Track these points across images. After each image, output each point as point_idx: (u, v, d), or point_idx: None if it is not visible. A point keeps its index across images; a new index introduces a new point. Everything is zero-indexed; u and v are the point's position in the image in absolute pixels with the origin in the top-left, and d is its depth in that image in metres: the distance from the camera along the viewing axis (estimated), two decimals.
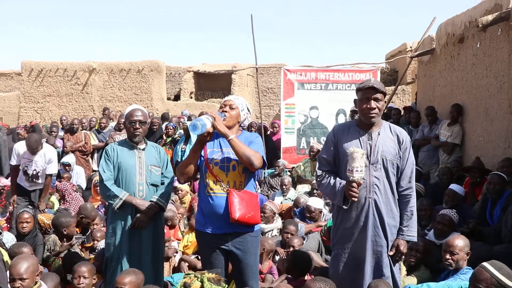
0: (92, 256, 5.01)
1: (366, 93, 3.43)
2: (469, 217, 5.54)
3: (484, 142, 6.79)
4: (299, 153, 9.15)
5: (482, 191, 5.76)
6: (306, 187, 7.90)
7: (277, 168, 8.50)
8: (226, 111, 3.67)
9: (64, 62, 15.98)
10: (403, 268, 4.50)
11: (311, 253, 4.73)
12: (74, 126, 10.06)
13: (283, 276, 4.66)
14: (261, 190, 8.32)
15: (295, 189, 8.08)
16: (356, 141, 3.48)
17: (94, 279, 4.01)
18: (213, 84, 17.13)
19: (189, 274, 3.35)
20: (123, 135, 10.01)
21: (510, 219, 4.81)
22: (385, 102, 3.52)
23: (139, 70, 15.79)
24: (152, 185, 4.15)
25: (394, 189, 3.51)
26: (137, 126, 4.09)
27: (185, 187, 7.47)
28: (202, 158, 3.67)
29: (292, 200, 6.91)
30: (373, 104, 3.40)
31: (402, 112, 9.95)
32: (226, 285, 3.20)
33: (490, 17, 6.10)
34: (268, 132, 10.32)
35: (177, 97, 17.10)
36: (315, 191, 6.88)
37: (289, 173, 8.59)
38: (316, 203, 6.09)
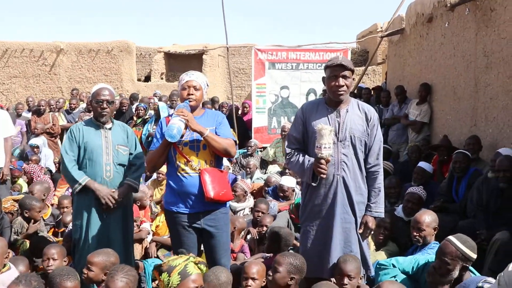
0: (61, 238, 4.95)
1: (334, 70, 3.43)
2: (436, 194, 5.67)
3: (451, 120, 6.92)
4: (270, 133, 9.17)
5: (449, 169, 5.88)
6: (278, 167, 7.94)
7: (249, 148, 8.51)
8: (191, 94, 3.63)
9: (31, 42, 15.56)
10: (371, 244, 4.59)
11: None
12: (41, 107, 9.84)
13: (259, 254, 4.68)
14: (232, 170, 8.32)
15: (266, 169, 8.11)
16: (324, 119, 3.49)
17: (65, 261, 3.95)
18: (184, 65, 16.88)
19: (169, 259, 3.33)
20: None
21: (475, 195, 4.92)
22: (354, 79, 3.53)
23: (108, 50, 15.51)
24: (120, 165, 4.08)
25: (362, 166, 3.55)
26: (105, 105, 4.01)
27: (164, 169, 7.39)
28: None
29: (264, 180, 6.94)
30: (341, 81, 3.41)
31: (372, 92, 10.04)
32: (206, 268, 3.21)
33: None
34: (239, 112, 10.30)
35: (147, 78, 16.88)
36: (287, 170, 6.91)
37: (260, 153, 8.60)
38: (289, 182, 6.13)
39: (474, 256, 3.26)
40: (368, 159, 3.56)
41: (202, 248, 3.84)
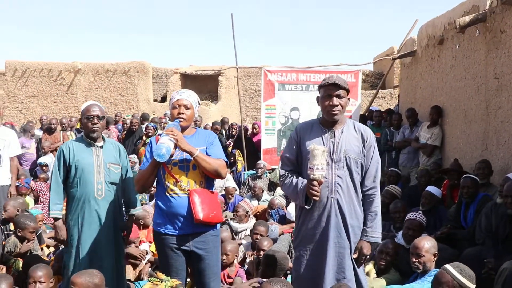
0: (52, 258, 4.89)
1: (328, 89, 3.34)
2: (445, 220, 5.49)
3: (462, 144, 6.75)
4: (280, 155, 9.04)
5: (459, 194, 5.70)
6: None
7: (259, 169, 8.42)
8: (182, 113, 3.55)
9: (49, 62, 15.88)
10: (373, 271, 4.43)
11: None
12: (52, 126, 9.92)
13: (255, 279, 4.56)
14: (240, 192, 8.23)
15: (274, 191, 7.99)
16: (318, 139, 3.38)
17: (51, 282, 3.87)
18: (200, 86, 17.02)
19: (152, 279, 3.26)
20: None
21: (484, 221, 4.74)
22: (349, 99, 3.42)
23: (125, 71, 15.71)
24: (111, 183, 4.03)
25: (358, 189, 3.41)
26: (95, 121, 3.95)
27: None
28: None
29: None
30: (335, 101, 3.31)
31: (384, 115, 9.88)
32: None
33: (467, 18, 6.08)
34: (249, 133, 10.23)
35: (163, 99, 17.00)
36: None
37: (269, 175, 8.49)
38: (294, 210, 5.99)
39: (472, 286, 3.10)
40: (364, 181, 3.42)
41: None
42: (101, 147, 4.05)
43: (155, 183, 3.66)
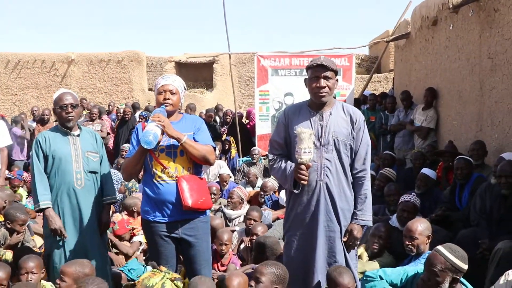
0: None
1: (315, 71, 3.27)
2: (440, 202, 5.44)
3: (457, 125, 6.70)
4: None
5: (453, 176, 5.66)
6: None
7: (254, 156, 8.37)
8: (167, 99, 3.48)
9: (42, 53, 15.72)
10: (365, 254, 4.39)
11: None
12: (45, 116, 9.84)
13: (248, 265, 4.53)
14: (235, 178, 8.19)
15: (270, 177, 7.94)
16: (306, 122, 3.33)
17: (43, 272, 3.83)
18: (195, 74, 16.91)
19: (154, 270, 3.22)
20: (96, 125, 9.85)
21: (478, 202, 4.70)
22: (337, 80, 3.35)
23: (119, 60, 15.58)
24: (91, 172, 3.94)
25: (348, 172, 3.36)
26: (69, 109, 3.84)
27: None
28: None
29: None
30: (323, 82, 3.24)
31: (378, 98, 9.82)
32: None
33: None
34: (246, 121, 10.17)
35: None
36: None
37: (264, 161, 8.44)
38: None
39: (465, 267, 3.05)
40: (354, 164, 3.37)
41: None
42: (78, 135, 3.96)
43: (143, 171, 3.60)
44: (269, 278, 3.15)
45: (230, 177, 7.63)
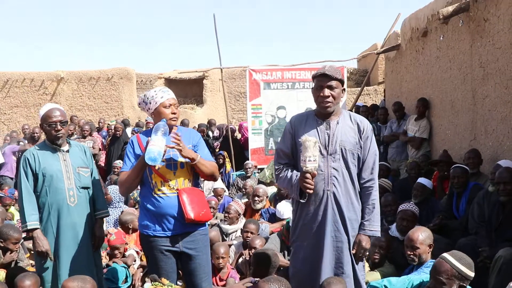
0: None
1: (319, 81, 3.26)
2: (437, 212, 5.44)
3: (451, 135, 6.72)
4: (268, 154, 8.94)
5: (449, 185, 5.66)
6: (275, 189, 7.73)
7: (248, 169, 8.33)
8: (175, 112, 3.48)
9: (31, 72, 15.66)
10: (366, 265, 4.35)
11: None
12: (35, 134, 9.73)
13: (247, 279, 4.47)
14: (229, 193, 8.14)
15: None
16: (313, 131, 3.30)
17: None
18: (185, 90, 16.93)
19: (156, 284, 3.16)
20: (88, 142, 9.77)
21: (476, 211, 4.70)
22: (343, 90, 3.33)
23: (108, 78, 15.56)
24: (83, 188, 3.87)
25: (355, 181, 3.32)
26: (59, 127, 3.74)
27: None
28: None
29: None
30: (327, 92, 3.22)
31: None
32: None
33: (450, 8, 6.07)
34: (238, 136, 10.16)
35: None
36: (282, 191, 6.72)
37: (257, 175, 8.41)
38: (284, 208, 5.90)
39: (471, 274, 3.02)
40: (361, 173, 3.33)
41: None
42: (67, 151, 3.87)
43: (140, 185, 3.55)
44: None
45: (225, 191, 7.58)
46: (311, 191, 3.19)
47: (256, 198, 6.29)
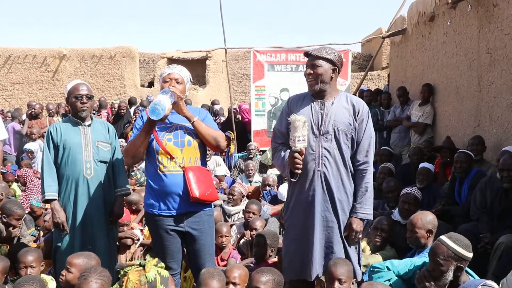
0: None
1: (307, 61, 3.33)
2: (438, 197, 5.44)
3: (455, 121, 6.71)
4: (270, 136, 8.93)
5: (452, 171, 5.66)
6: (277, 171, 7.74)
7: (251, 150, 8.32)
8: (173, 86, 3.41)
9: (33, 48, 15.56)
10: (367, 248, 4.37)
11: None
12: (33, 110, 9.71)
13: (248, 259, 4.50)
14: (231, 174, 8.15)
15: (265, 173, 7.91)
16: (307, 110, 3.32)
17: (42, 265, 3.77)
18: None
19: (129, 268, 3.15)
20: None
21: (478, 197, 4.69)
22: (335, 70, 3.31)
23: (111, 56, 15.47)
24: (101, 162, 3.91)
25: (348, 163, 3.32)
26: (85, 100, 3.86)
27: None
28: (151, 136, 3.42)
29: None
30: (309, 70, 3.27)
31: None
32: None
33: None
34: (239, 117, 10.14)
35: (151, 84, 16.77)
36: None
37: (259, 157, 8.40)
38: (286, 190, 5.90)
39: (468, 254, 3.03)
40: (356, 155, 3.34)
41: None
42: (89, 125, 3.95)
43: (146, 163, 3.54)
44: (270, 286, 3.10)
45: (225, 176, 7.58)
46: (299, 171, 3.21)
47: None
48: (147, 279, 2.81)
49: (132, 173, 7.13)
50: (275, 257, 4.24)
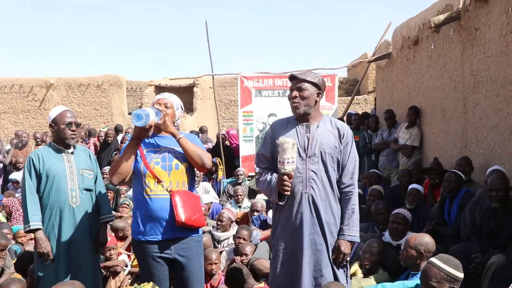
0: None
1: (291, 84, 3.36)
2: (428, 219, 5.43)
3: (442, 143, 6.75)
4: None
5: (441, 192, 5.67)
6: (265, 197, 7.70)
7: (239, 176, 8.29)
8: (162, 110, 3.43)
9: (20, 78, 15.52)
10: (359, 271, 4.33)
11: (263, 260, 4.53)
12: (23, 139, 9.64)
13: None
14: (220, 200, 8.09)
15: (254, 198, 7.87)
16: (293, 134, 3.32)
17: None
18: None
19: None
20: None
21: (468, 217, 4.70)
22: (320, 94, 3.33)
23: (98, 85, 15.47)
24: (86, 190, 3.88)
25: (334, 185, 3.33)
26: (74, 127, 3.86)
27: None
28: (138, 159, 3.39)
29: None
30: (294, 93, 3.28)
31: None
32: None
33: (441, 17, 6.12)
34: (227, 143, 10.13)
35: None
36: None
37: (248, 182, 8.37)
38: None
39: (460, 274, 3.01)
40: (342, 178, 3.35)
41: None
42: (72, 153, 3.92)
43: (133, 186, 3.50)
44: None
45: (216, 199, 7.54)
46: (288, 193, 3.20)
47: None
48: None
49: (120, 200, 7.06)
50: (261, 282, 4.20)
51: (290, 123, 3.41)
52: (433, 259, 3.09)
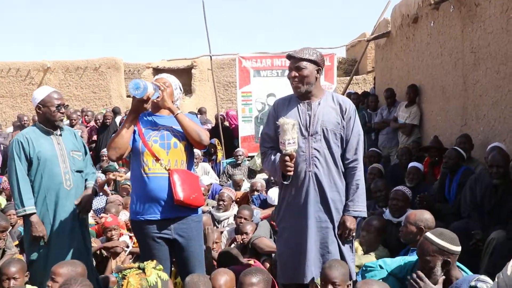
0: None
1: (289, 64, 3.31)
2: (429, 196, 5.44)
3: (441, 121, 6.73)
4: (258, 141, 8.92)
5: (441, 170, 5.67)
6: (266, 176, 7.71)
7: (239, 157, 8.28)
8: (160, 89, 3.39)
9: (17, 61, 15.42)
10: (359, 248, 4.34)
11: (264, 239, 4.54)
12: (24, 122, 9.62)
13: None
14: (220, 181, 8.09)
15: (254, 178, 7.87)
16: (295, 112, 3.30)
17: (27, 275, 3.67)
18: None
19: (128, 271, 3.09)
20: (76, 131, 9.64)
21: (468, 194, 4.70)
22: (319, 69, 3.30)
23: (96, 67, 15.37)
24: (77, 171, 3.86)
25: (338, 161, 3.31)
26: (63, 109, 3.81)
27: None
28: (136, 138, 3.35)
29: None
30: (293, 73, 3.25)
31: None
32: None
33: None
34: (226, 123, 10.10)
35: None
36: (272, 178, 6.70)
37: (247, 162, 8.37)
38: (275, 194, 5.87)
39: (454, 248, 2.97)
40: (345, 154, 3.32)
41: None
42: (60, 135, 3.86)
43: (131, 164, 3.47)
44: (261, 286, 3.05)
45: (211, 184, 7.55)
46: (291, 173, 3.19)
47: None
48: (148, 283, 2.74)
49: (121, 182, 7.06)
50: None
51: (292, 102, 3.38)
52: (427, 234, 3.07)
